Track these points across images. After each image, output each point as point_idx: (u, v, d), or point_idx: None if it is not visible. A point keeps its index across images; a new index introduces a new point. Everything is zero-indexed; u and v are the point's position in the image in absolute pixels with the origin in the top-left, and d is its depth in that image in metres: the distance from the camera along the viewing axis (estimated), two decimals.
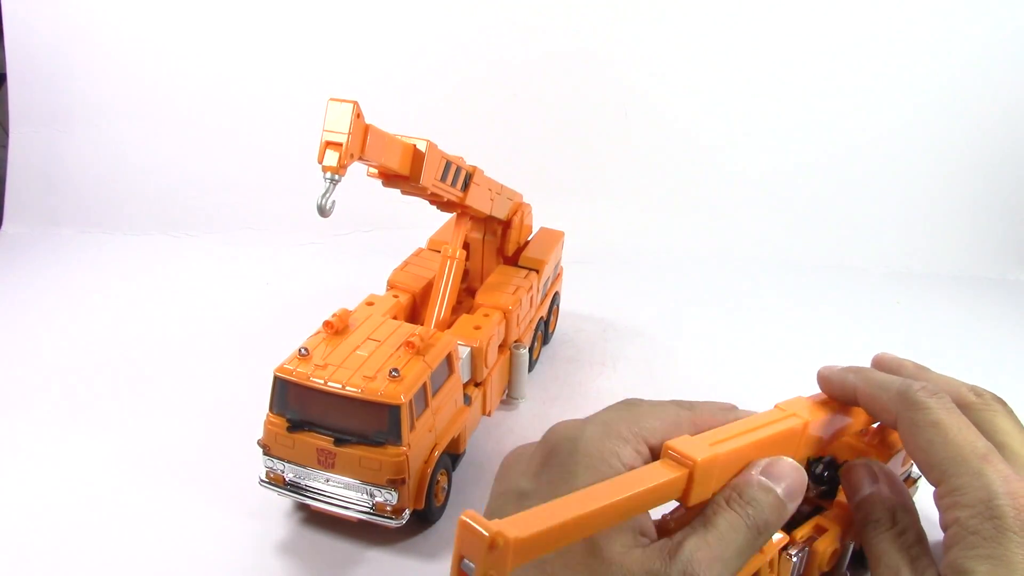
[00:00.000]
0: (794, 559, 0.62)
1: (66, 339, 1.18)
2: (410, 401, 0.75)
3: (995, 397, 0.61)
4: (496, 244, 1.12)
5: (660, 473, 0.51)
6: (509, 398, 1.06)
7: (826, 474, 0.72)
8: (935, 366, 1.17)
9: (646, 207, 1.60)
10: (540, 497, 0.51)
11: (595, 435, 0.54)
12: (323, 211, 0.73)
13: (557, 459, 0.53)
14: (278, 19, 1.55)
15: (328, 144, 0.72)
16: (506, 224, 1.12)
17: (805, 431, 0.60)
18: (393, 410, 0.74)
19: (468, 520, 0.41)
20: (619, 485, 0.49)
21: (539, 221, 1.21)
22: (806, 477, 0.54)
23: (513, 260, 1.13)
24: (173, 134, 1.58)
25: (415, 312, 1.03)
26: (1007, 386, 1.17)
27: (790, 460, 0.54)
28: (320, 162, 0.72)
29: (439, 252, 1.03)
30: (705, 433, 0.54)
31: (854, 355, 1.21)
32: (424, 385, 0.78)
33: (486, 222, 1.10)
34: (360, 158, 0.75)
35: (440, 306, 0.95)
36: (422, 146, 0.83)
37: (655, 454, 0.54)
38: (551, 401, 1.07)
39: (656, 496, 0.50)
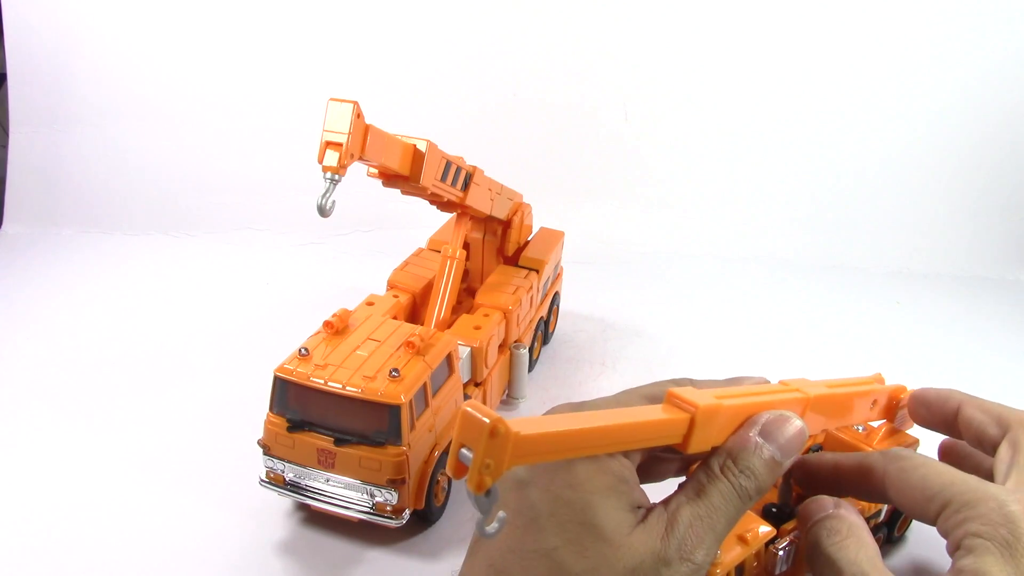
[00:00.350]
0: (780, 553, 0.62)
1: (66, 339, 1.18)
2: (410, 401, 0.75)
3: None
4: (496, 244, 1.12)
5: (662, 413, 0.51)
6: (509, 398, 1.06)
7: None
8: (935, 366, 1.18)
9: (646, 207, 1.60)
10: (540, 485, 0.51)
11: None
12: (323, 211, 0.73)
13: None
14: (278, 19, 1.55)
15: (328, 144, 0.72)
16: (506, 224, 1.12)
17: (807, 408, 0.61)
18: (393, 410, 0.74)
19: (470, 409, 0.42)
20: (622, 414, 0.50)
21: (539, 221, 1.21)
22: (807, 433, 0.55)
23: (513, 260, 1.13)
24: (173, 134, 1.58)
25: (415, 312, 1.03)
26: (1007, 385, 1.17)
27: (791, 415, 0.55)
28: (320, 162, 0.72)
29: (439, 252, 1.03)
30: (710, 389, 0.55)
31: (854, 355, 1.22)
32: (424, 385, 0.78)
33: (486, 222, 1.10)
34: (360, 158, 0.75)
35: (440, 306, 0.95)
36: (422, 146, 0.83)
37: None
38: (551, 401, 1.06)
39: (657, 432, 0.51)
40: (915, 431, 0.77)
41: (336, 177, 0.72)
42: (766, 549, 0.62)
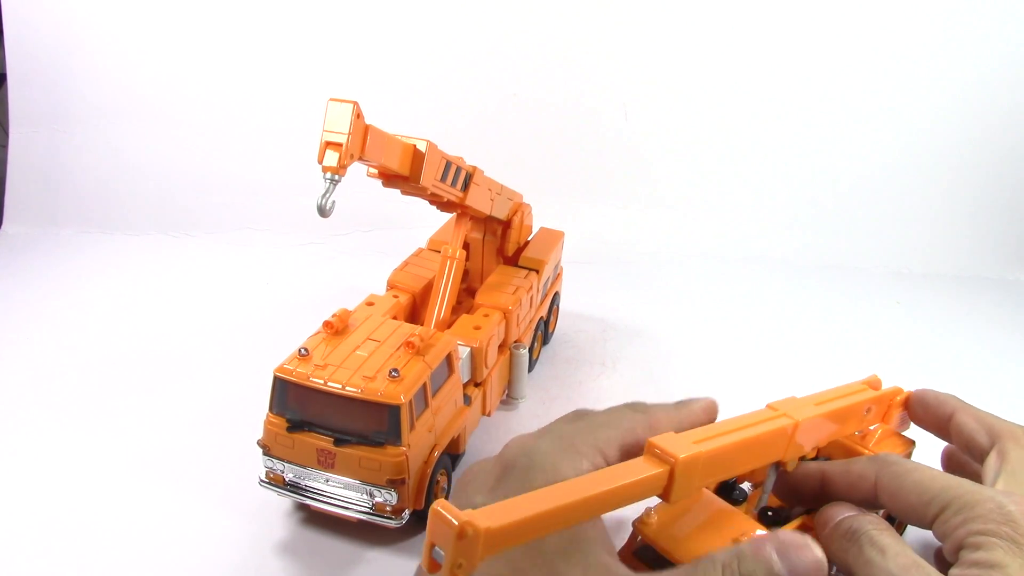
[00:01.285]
0: None
1: (66, 339, 1.18)
2: (410, 401, 0.75)
3: None
4: (496, 244, 1.12)
5: (642, 468, 0.51)
6: (509, 398, 1.06)
7: None
8: (935, 366, 1.18)
9: (646, 207, 1.60)
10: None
11: (551, 450, 0.55)
12: (323, 211, 0.73)
13: (513, 474, 0.54)
14: (278, 20, 1.55)
15: (328, 144, 0.72)
16: (506, 224, 1.12)
17: (794, 433, 0.60)
18: (393, 410, 0.74)
19: (439, 509, 0.42)
20: (600, 478, 0.49)
21: (539, 221, 1.21)
22: (825, 567, 0.53)
23: (513, 260, 1.13)
24: (173, 134, 1.58)
25: (415, 312, 1.03)
26: (1007, 385, 1.17)
27: (812, 544, 0.53)
28: (320, 162, 0.71)
29: (439, 252, 1.03)
30: (690, 431, 0.55)
31: (854, 355, 1.22)
32: (424, 385, 0.78)
33: (486, 222, 1.10)
34: (360, 158, 0.75)
35: (440, 306, 0.95)
36: (422, 146, 0.83)
37: (611, 464, 0.55)
38: (551, 401, 1.07)
39: (637, 491, 0.51)
40: (912, 432, 0.77)
41: (336, 177, 0.72)
42: None
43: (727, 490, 0.69)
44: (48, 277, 1.37)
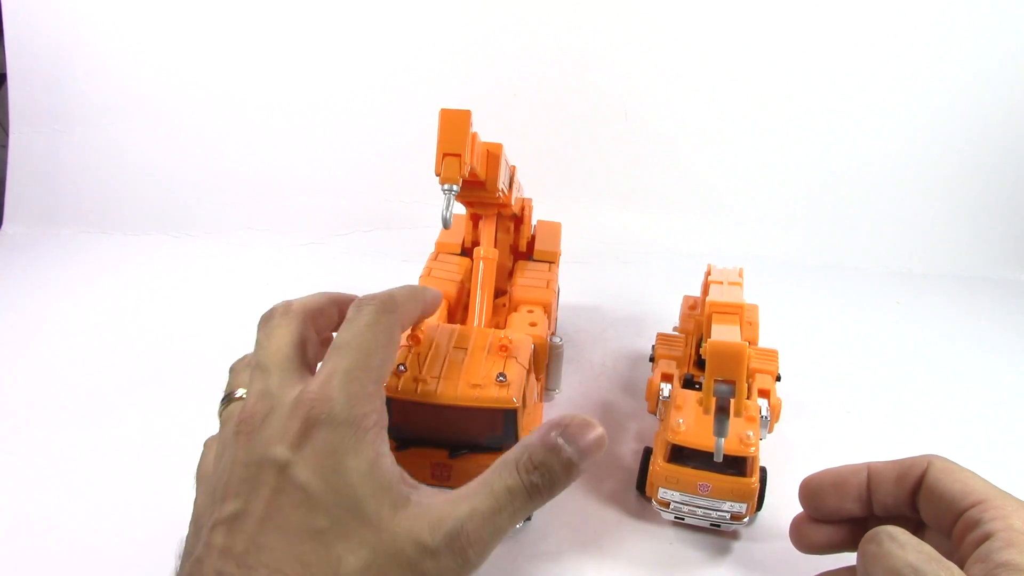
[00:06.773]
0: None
1: (66, 339, 1.17)
2: (522, 402, 0.75)
3: None
4: (509, 240, 1.12)
5: None
6: (545, 390, 1.05)
7: None
8: (935, 366, 1.18)
9: (646, 207, 1.61)
10: (307, 467, 0.51)
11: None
12: (447, 223, 0.72)
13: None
14: (278, 19, 1.54)
15: (446, 155, 0.72)
16: (518, 219, 1.12)
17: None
18: (509, 414, 0.74)
19: (719, 342, 0.50)
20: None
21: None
22: (606, 439, 0.56)
23: (526, 254, 1.14)
24: (173, 134, 1.57)
25: (451, 316, 1.02)
26: (1007, 386, 1.18)
27: (591, 422, 0.55)
28: (437, 174, 0.72)
29: (457, 255, 1.03)
30: None
31: (854, 355, 1.22)
32: (523, 386, 0.77)
33: (499, 219, 1.10)
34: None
35: (482, 308, 0.95)
36: (495, 148, 0.83)
37: None
38: (552, 401, 1.06)
39: None
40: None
41: (455, 188, 0.72)
42: None
43: None
44: (48, 277, 1.35)
